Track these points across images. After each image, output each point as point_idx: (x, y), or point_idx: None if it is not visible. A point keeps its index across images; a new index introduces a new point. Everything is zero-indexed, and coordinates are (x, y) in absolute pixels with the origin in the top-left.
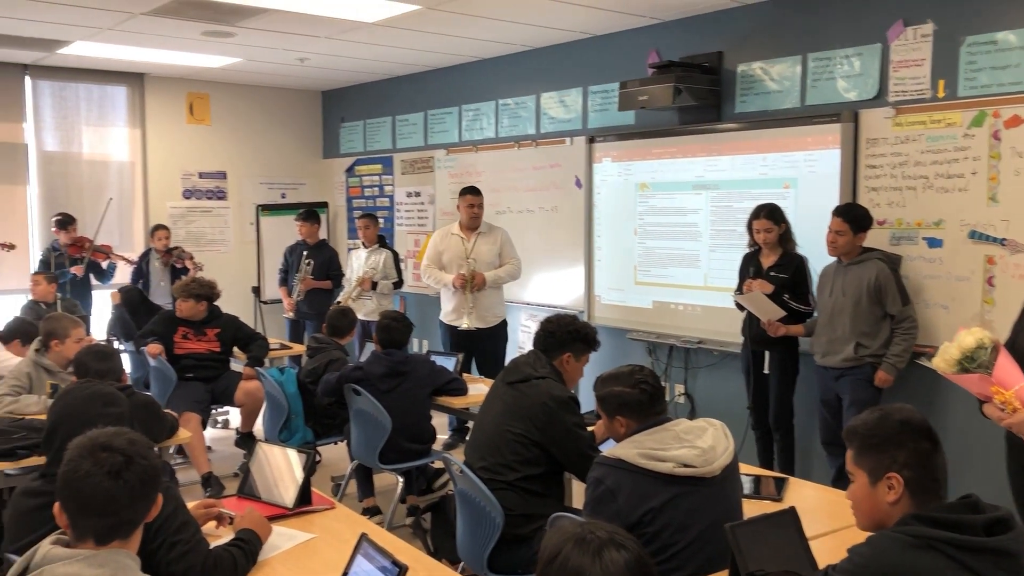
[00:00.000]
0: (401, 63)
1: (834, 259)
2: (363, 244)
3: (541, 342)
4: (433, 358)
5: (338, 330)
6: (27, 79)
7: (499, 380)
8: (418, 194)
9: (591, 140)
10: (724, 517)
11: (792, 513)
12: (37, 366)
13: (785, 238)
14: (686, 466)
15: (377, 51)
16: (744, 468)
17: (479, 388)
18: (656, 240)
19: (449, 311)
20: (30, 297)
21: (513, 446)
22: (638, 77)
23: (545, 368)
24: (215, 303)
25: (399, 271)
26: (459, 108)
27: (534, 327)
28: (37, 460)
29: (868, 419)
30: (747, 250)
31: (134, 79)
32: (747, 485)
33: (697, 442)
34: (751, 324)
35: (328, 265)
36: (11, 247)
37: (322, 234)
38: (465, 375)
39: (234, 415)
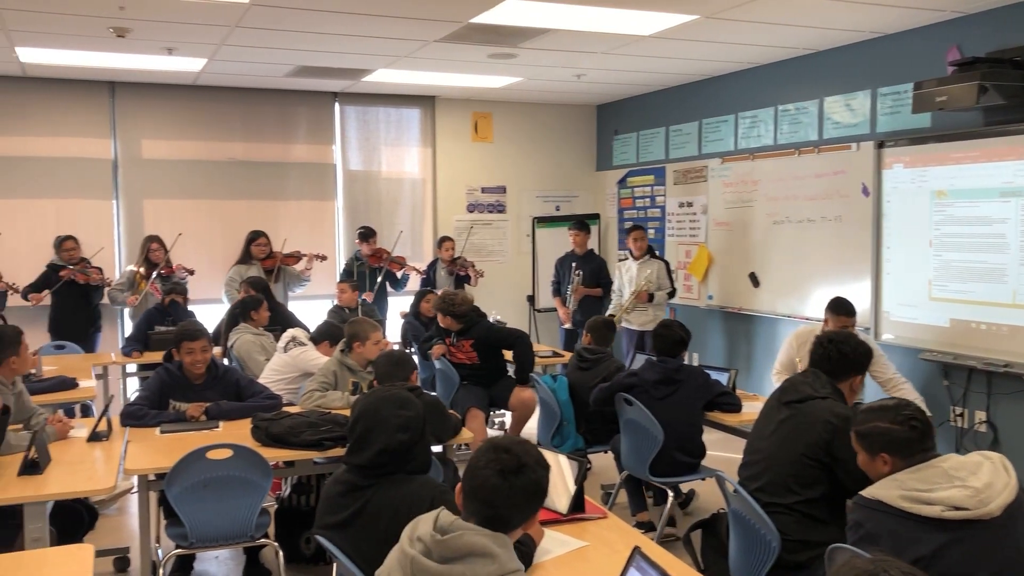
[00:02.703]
0: (676, 73)
1: None
2: (631, 255)
3: (835, 364)
4: (706, 371)
5: (605, 340)
6: (336, 105)
7: (774, 399)
8: (690, 204)
9: (880, 145)
10: (1014, 564)
11: None
12: (342, 365)
13: None
14: (957, 508)
15: (652, 63)
16: None
17: (753, 407)
18: (955, 252)
19: None
20: (335, 302)
21: (790, 467)
22: (935, 76)
23: (826, 388)
24: (470, 315)
25: (671, 280)
26: (735, 116)
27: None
28: (340, 451)
29: None
30: None
31: (426, 102)
32: None
33: (970, 480)
34: None
35: (598, 274)
36: (323, 258)
37: (592, 245)
38: (739, 391)
39: (509, 419)
